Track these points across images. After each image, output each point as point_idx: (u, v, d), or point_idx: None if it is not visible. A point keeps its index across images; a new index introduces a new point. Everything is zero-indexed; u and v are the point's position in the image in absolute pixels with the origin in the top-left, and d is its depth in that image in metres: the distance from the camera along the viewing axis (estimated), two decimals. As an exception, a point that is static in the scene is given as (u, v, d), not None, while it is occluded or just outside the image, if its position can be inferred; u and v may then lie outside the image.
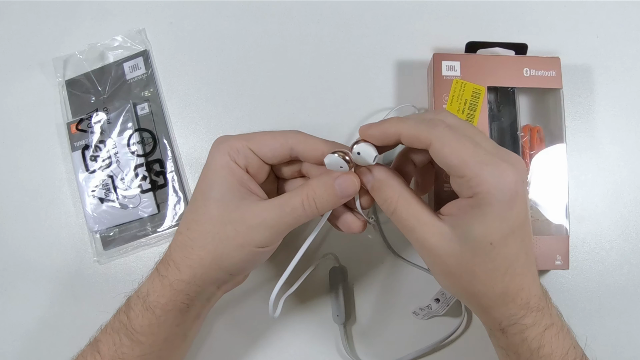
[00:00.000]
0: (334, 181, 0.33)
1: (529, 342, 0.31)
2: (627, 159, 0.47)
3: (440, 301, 0.43)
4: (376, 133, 0.32)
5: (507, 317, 0.31)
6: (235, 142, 0.34)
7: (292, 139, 0.35)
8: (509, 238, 0.29)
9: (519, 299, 0.30)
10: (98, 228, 0.47)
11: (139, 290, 0.35)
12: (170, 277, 0.33)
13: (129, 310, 0.34)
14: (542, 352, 0.31)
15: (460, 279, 0.31)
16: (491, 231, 0.29)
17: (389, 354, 0.44)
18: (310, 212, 0.33)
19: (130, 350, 0.34)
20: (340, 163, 0.32)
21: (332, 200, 0.33)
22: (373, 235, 0.44)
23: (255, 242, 0.33)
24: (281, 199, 0.33)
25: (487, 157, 0.28)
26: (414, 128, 0.30)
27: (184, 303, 0.34)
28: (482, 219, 0.28)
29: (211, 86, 0.49)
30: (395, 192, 0.32)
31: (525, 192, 0.29)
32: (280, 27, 0.50)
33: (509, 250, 0.29)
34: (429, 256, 0.31)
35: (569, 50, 0.49)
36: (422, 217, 0.31)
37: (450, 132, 0.29)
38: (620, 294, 0.45)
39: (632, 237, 0.46)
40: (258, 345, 0.45)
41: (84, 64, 0.49)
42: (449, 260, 0.30)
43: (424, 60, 0.48)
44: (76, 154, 0.47)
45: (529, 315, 0.31)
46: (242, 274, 0.37)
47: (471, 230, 0.29)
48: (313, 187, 0.33)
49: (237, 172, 0.34)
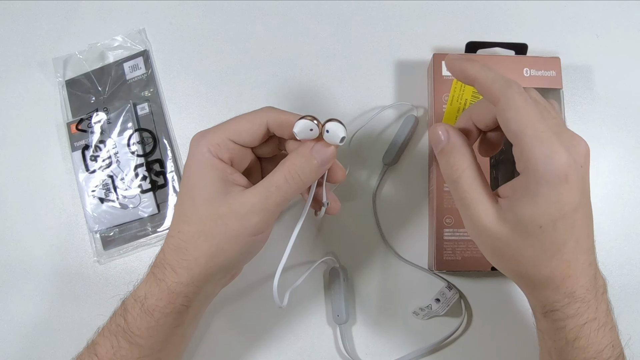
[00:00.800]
0: (310, 150, 0.33)
1: (567, 332, 0.30)
2: (627, 159, 0.47)
3: (441, 301, 0.43)
4: (457, 68, 0.31)
5: (550, 302, 0.31)
6: (213, 137, 0.34)
7: (265, 116, 0.35)
8: (558, 222, 0.28)
9: (564, 286, 0.30)
10: (98, 228, 0.47)
11: (136, 294, 0.35)
12: (167, 281, 0.33)
13: (126, 314, 0.34)
14: (578, 344, 0.30)
15: (508, 260, 0.31)
16: (539, 214, 0.28)
17: (389, 354, 0.44)
18: (295, 185, 0.33)
19: (129, 352, 0.33)
20: (309, 126, 0.32)
21: (313, 169, 0.33)
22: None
23: (248, 230, 0.33)
24: (264, 182, 0.33)
25: (546, 134, 0.28)
26: (491, 80, 0.29)
27: (183, 305, 0.34)
28: (532, 200, 0.28)
29: (211, 86, 0.49)
30: (465, 160, 0.31)
31: (581, 178, 0.29)
32: (280, 27, 0.50)
33: (558, 234, 0.29)
34: (479, 235, 0.31)
35: (569, 50, 0.49)
36: (481, 195, 0.30)
37: (521, 97, 0.28)
38: (621, 294, 0.45)
39: (632, 237, 0.46)
40: (258, 346, 0.45)
41: (84, 64, 0.49)
42: (499, 242, 0.30)
43: (424, 60, 0.48)
44: (76, 154, 0.47)
45: (572, 305, 0.30)
46: (240, 266, 0.37)
47: (521, 213, 0.28)
48: (291, 160, 0.33)
49: (219, 168, 0.34)
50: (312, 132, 0.33)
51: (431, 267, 0.44)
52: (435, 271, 0.44)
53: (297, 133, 0.33)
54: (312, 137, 0.33)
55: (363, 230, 0.46)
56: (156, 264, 0.35)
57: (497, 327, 0.45)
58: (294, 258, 0.46)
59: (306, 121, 0.32)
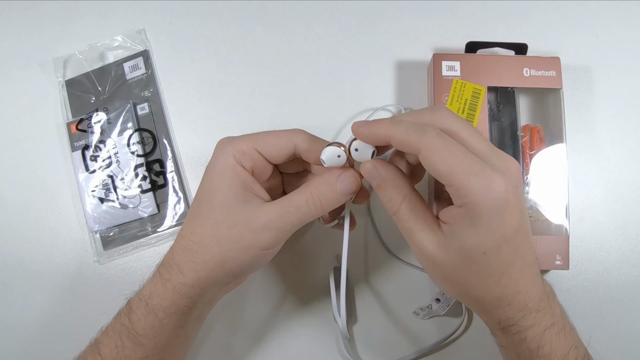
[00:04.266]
0: (336, 178, 0.33)
1: (528, 342, 0.31)
2: (627, 159, 0.47)
3: (441, 301, 0.43)
4: (367, 133, 0.31)
5: (505, 319, 0.31)
6: (240, 144, 0.34)
7: (296, 138, 0.35)
8: (502, 247, 0.29)
9: (515, 302, 0.30)
10: (98, 228, 0.47)
11: (141, 293, 0.35)
12: (173, 281, 0.33)
13: (130, 313, 0.34)
14: (542, 352, 0.31)
15: (456, 284, 0.31)
16: (483, 241, 0.28)
17: (390, 353, 0.44)
18: (314, 210, 0.33)
19: (133, 352, 0.33)
20: (337, 152, 0.32)
21: (336, 198, 0.33)
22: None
23: (260, 244, 0.33)
24: (284, 200, 0.33)
25: (476, 166, 0.28)
26: (404, 134, 0.29)
27: (187, 306, 0.34)
28: (473, 229, 0.28)
29: (211, 86, 0.49)
30: (400, 193, 0.32)
31: (518, 198, 0.29)
32: (280, 27, 0.50)
33: (503, 257, 0.29)
34: (425, 261, 0.32)
35: (569, 50, 0.49)
36: (422, 224, 0.31)
37: (440, 140, 0.28)
38: (620, 294, 0.45)
39: (632, 237, 0.46)
40: (258, 346, 0.45)
41: (84, 64, 0.49)
42: (444, 267, 0.30)
43: (424, 60, 0.48)
44: (76, 154, 0.47)
45: (528, 317, 0.31)
46: (246, 275, 0.37)
47: (464, 241, 0.29)
48: (316, 185, 0.33)
49: (241, 175, 0.33)
50: (339, 158, 0.32)
51: (431, 267, 0.44)
52: (435, 271, 0.44)
53: (324, 160, 0.33)
54: (340, 164, 0.33)
55: (363, 232, 0.46)
56: (163, 263, 0.35)
57: (497, 327, 0.45)
58: (295, 259, 0.46)
59: (334, 148, 0.32)
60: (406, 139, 0.29)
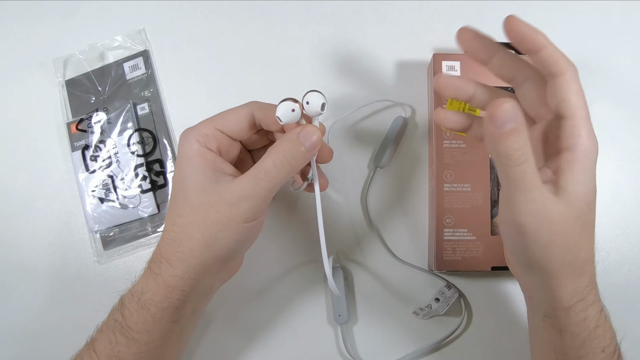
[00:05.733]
0: (297, 135, 0.33)
1: (589, 321, 0.30)
2: (627, 159, 0.47)
3: (440, 301, 0.43)
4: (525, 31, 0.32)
5: (579, 291, 0.30)
6: (201, 128, 0.34)
7: (252, 108, 0.35)
8: (593, 202, 0.29)
9: (591, 269, 0.30)
10: (98, 228, 0.47)
11: (133, 289, 0.35)
12: (163, 275, 0.33)
13: (123, 309, 0.34)
14: (598, 332, 0.31)
15: (557, 245, 0.29)
16: (590, 190, 0.29)
17: (390, 353, 0.44)
18: (283, 170, 0.33)
19: (126, 348, 0.33)
20: (291, 106, 0.32)
21: (301, 154, 0.33)
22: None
23: (239, 217, 0.33)
24: (253, 169, 0.33)
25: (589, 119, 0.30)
26: (558, 51, 0.30)
27: (179, 300, 0.34)
28: (584, 176, 0.28)
29: (211, 86, 0.49)
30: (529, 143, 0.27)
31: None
32: (281, 27, 0.50)
33: (593, 214, 0.30)
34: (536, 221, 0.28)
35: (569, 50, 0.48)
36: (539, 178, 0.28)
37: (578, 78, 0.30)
38: (620, 294, 0.45)
39: (632, 237, 0.46)
40: (258, 346, 0.45)
41: (84, 64, 0.49)
42: (557, 224, 0.28)
43: (424, 60, 0.48)
44: (76, 154, 0.47)
45: (593, 291, 0.31)
46: (234, 257, 0.37)
47: (576, 190, 0.28)
48: (279, 145, 0.33)
49: (209, 157, 0.34)
50: (294, 112, 0.32)
51: (431, 267, 0.44)
52: (435, 271, 0.44)
53: (280, 117, 0.32)
54: (296, 118, 0.33)
55: (361, 231, 0.46)
56: (152, 259, 0.35)
57: (497, 326, 0.45)
58: (294, 258, 0.46)
59: (287, 103, 0.32)
60: (559, 56, 0.30)
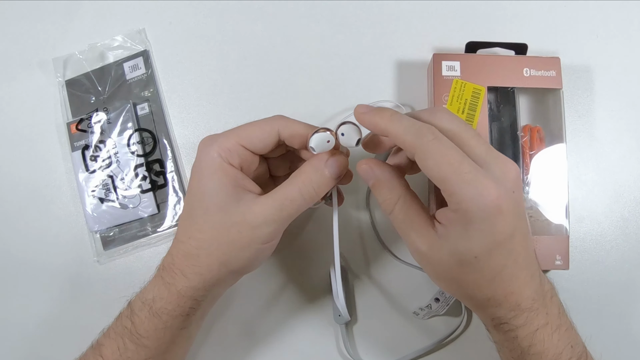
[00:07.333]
0: (324, 164, 0.33)
1: (520, 340, 0.31)
2: (627, 159, 0.47)
3: (440, 301, 0.43)
4: (367, 122, 0.32)
5: (497, 317, 0.32)
6: (224, 142, 0.34)
7: (277, 124, 0.35)
8: (493, 252, 0.29)
9: (507, 303, 0.31)
10: (98, 228, 0.47)
11: (143, 297, 0.35)
12: (177, 285, 0.33)
13: (133, 316, 0.34)
14: (534, 350, 0.31)
15: (450, 283, 0.32)
16: (474, 246, 0.29)
17: (390, 353, 0.44)
18: (309, 198, 0.33)
19: (135, 354, 0.34)
20: (326, 138, 0.33)
21: (326, 183, 0.34)
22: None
23: (259, 239, 0.33)
24: (278, 193, 0.33)
25: (470, 174, 0.28)
26: (402, 133, 0.30)
27: (191, 308, 0.34)
28: (465, 234, 0.29)
29: (211, 86, 0.49)
30: (394, 194, 0.32)
31: (515, 203, 0.29)
32: (281, 27, 0.50)
33: (495, 262, 0.30)
34: (420, 260, 0.33)
35: (569, 50, 0.49)
36: (417, 224, 0.32)
37: (436, 144, 0.29)
38: (621, 294, 0.45)
39: (632, 237, 0.46)
40: (258, 346, 0.45)
41: (84, 64, 0.49)
42: (438, 267, 0.31)
43: (424, 60, 0.48)
44: (76, 154, 0.47)
45: (520, 316, 0.31)
46: (249, 271, 0.37)
47: (456, 244, 0.30)
48: (306, 173, 0.33)
49: (230, 173, 0.33)
50: (328, 144, 0.33)
51: (431, 267, 0.44)
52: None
53: (314, 148, 0.33)
54: (328, 149, 0.33)
55: (362, 232, 0.46)
56: (164, 267, 0.35)
57: (497, 327, 0.45)
58: (294, 259, 0.46)
59: (322, 134, 0.32)
60: (403, 139, 0.30)
